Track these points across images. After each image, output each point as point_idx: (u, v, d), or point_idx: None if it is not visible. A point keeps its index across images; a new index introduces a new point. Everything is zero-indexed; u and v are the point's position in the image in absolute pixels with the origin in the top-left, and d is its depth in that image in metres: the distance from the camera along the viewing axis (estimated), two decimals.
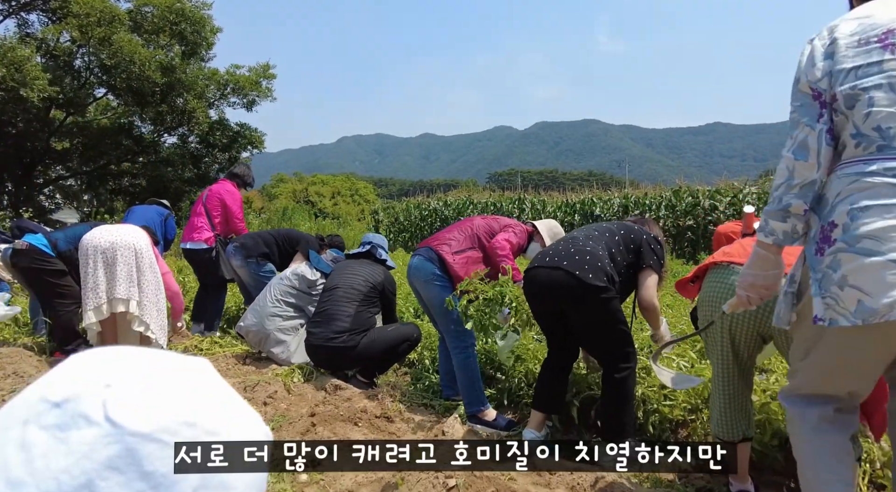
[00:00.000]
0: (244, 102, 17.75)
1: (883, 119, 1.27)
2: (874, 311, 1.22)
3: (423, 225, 16.55)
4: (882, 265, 1.21)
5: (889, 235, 1.21)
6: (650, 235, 2.59)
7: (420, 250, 3.10)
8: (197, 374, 0.52)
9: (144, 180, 17.88)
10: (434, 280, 2.94)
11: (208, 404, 0.49)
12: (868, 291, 1.23)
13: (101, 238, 3.42)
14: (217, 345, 4.25)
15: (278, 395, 3.02)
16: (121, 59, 13.76)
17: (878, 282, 1.21)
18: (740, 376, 2.02)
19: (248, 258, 4.62)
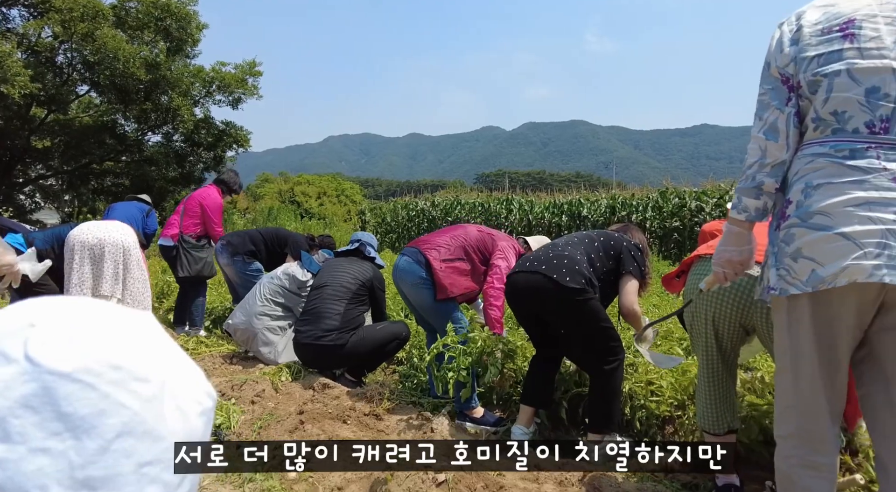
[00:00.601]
0: (230, 100, 17.59)
1: (839, 104, 1.35)
2: (822, 279, 1.33)
3: (411, 225, 16.53)
4: (831, 238, 1.31)
5: (837, 211, 1.31)
6: (631, 242, 2.63)
7: (407, 251, 3.08)
8: (135, 322, 0.49)
9: (128, 180, 17.65)
10: (421, 284, 2.93)
11: (141, 350, 0.46)
12: (820, 262, 1.33)
13: (88, 234, 3.39)
14: (203, 345, 4.21)
15: (266, 393, 3.00)
16: (104, 55, 13.58)
17: (828, 253, 1.32)
18: (725, 368, 2.06)
19: (234, 256, 4.59)
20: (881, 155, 1.29)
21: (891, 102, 1.30)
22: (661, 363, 2.44)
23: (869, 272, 1.28)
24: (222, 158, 18.95)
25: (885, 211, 1.27)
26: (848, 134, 1.34)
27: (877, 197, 1.28)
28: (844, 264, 1.30)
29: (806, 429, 1.46)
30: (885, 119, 1.31)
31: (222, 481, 2.25)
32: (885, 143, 1.30)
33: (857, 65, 1.33)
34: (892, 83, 1.30)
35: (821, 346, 1.41)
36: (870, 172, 1.29)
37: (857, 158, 1.31)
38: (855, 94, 1.33)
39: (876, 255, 1.27)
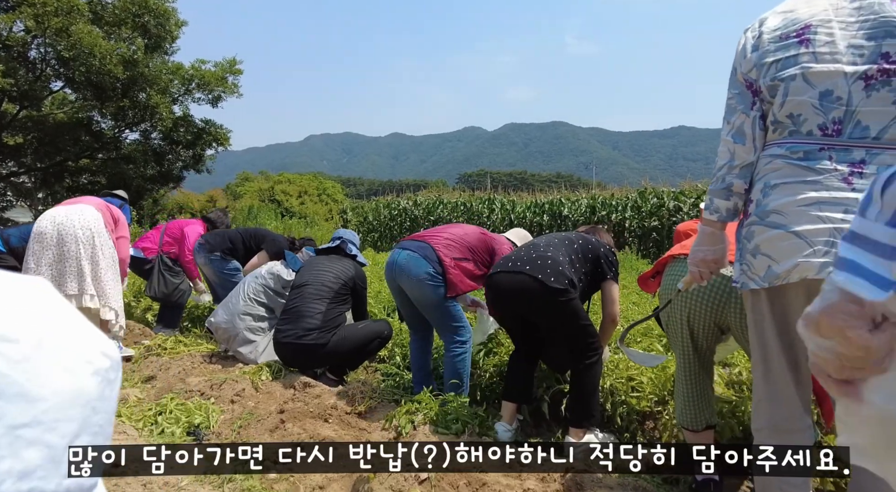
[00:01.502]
0: (209, 98, 17.34)
1: (794, 107, 1.40)
2: (777, 275, 1.40)
3: (393, 225, 16.49)
4: (785, 236, 1.38)
5: (791, 211, 1.37)
6: (606, 247, 2.70)
7: (409, 245, 2.96)
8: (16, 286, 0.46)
9: (104, 178, 17.29)
10: (427, 280, 2.81)
11: (11, 312, 0.44)
12: (775, 258, 1.40)
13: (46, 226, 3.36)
14: (182, 344, 4.14)
15: (246, 393, 2.97)
16: (80, 51, 13.26)
17: (782, 250, 1.39)
18: (701, 366, 2.10)
19: (211, 253, 4.54)
20: (833, 156, 1.34)
21: (843, 105, 1.34)
22: (644, 362, 2.49)
23: (817, 269, 1.34)
24: (201, 156, 18.68)
25: (834, 211, 1.32)
26: (803, 136, 1.39)
27: (827, 197, 1.33)
28: (796, 261, 1.37)
29: (778, 421, 1.50)
30: (838, 121, 1.35)
31: (201, 481, 2.22)
32: (837, 145, 1.34)
33: (811, 69, 1.37)
34: (843, 86, 1.34)
35: (782, 339, 1.46)
36: (822, 173, 1.34)
37: (811, 159, 1.37)
38: (809, 98, 1.37)
39: (824, 252, 1.32)
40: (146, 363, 3.62)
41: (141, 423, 2.64)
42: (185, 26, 16.47)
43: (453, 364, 2.88)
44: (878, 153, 1.31)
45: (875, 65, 1.30)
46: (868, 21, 1.33)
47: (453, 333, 2.89)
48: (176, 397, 2.88)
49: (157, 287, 4.64)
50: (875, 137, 1.31)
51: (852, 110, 1.33)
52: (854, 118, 1.33)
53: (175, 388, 3.06)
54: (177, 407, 2.77)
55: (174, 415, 2.70)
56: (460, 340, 2.89)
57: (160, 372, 3.39)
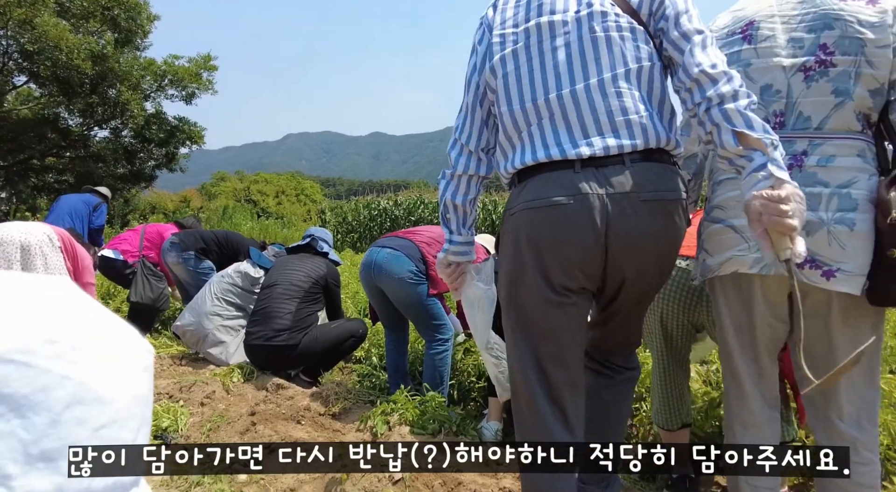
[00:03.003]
0: (183, 95, 17.00)
1: None
2: (709, 267, 1.44)
3: (373, 225, 16.34)
4: (723, 231, 1.41)
5: (730, 205, 1.40)
6: None
7: (389, 243, 2.89)
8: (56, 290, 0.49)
9: (72, 176, 16.83)
10: (409, 278, 2.74)
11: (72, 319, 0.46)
12: (710, 252, 1.44)
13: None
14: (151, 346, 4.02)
15: (216, 395, 2.88)
16: (45, 44, 12.85)
17: (718, 244, 1.42)
18: (676, 365, 2.09)
19: (185, 251, 4.41)
20: None
21: (783, 98, 1.35)
22: None
23: (750, 264, 1.35)
24: (175, 155, 18.31)
25: None
26: None
27: None
28: (729, 255, 1.39)
29: (743, 416, 1.50)
30: (779, 114, 1.35)
31: (167, 485, 2.13)
32: (780, 137, 1.29)
33: (752, 65, 1.39)
34: (782, 80, 1.35)
35: (738, 333, 1.47)
36: None
37: None
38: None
39: (759, 248, 1.32)
40: None
41: None
42: (157, 21, 16.12)
43: (433, 362, 2.82)
44: (819, 144, 1.31)
45: (813, 56, 1.31)
46: (809, 14, 1.34)
47: (434, 332, 2.84)
48: None
49: (142, 292, 4.48)
50: (817, 127, 1.32)
51: (793, 102, 1.34)
52: (795, 110, 1.34)
53: None
54: None
55: None
56: (441, 338, 2.84)
57: None
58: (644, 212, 1.24)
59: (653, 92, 1.31)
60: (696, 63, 1.22)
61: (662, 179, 1.27)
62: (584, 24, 1.31)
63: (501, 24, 1.41)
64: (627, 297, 1.38)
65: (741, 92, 1.18)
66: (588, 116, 1.28)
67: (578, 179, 1.26)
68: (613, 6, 1.31)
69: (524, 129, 1.35)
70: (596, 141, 1.26)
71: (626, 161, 1.25)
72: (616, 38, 1.29)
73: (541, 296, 1.32)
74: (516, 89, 1.36)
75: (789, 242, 1.10)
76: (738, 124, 1.16)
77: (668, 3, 1.29)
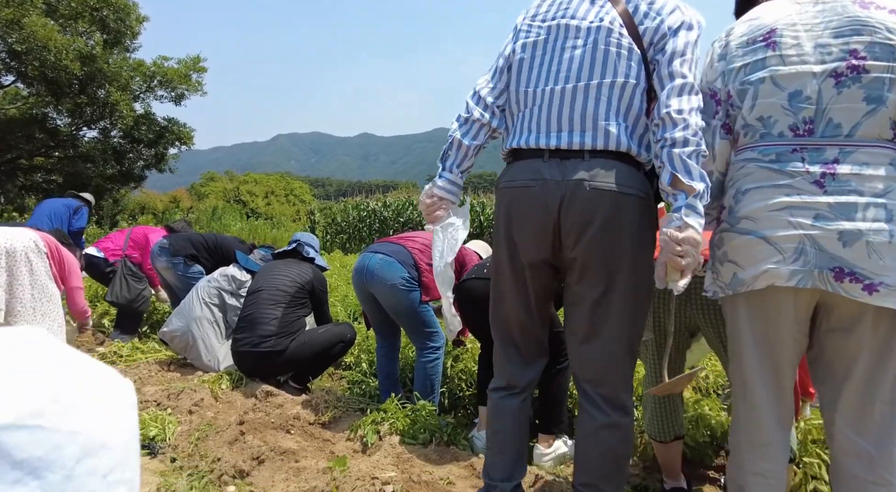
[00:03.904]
0: (172, 96, 16.90)
1: (764, 110, 1.39)
2: (742, 281, 1.39)
3: (362, 226, 16.30)
4: (754, 242, 1.36)
5: (762, 216, 1.35)
6: None
7: (379, 248, 2.87)
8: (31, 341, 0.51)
9: (60, 176, 16.66)
10: (401, 285, 2.72)
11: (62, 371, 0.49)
12: (741, 265, 1.39)
13: None
14: (139, 351, 3.98)
15: (205, 402, 2.85)
16: (33, 44, 12.73)
17: (750, 257, 1.37)
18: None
19: (174, 256, 4.37)
20: (806, 157, 1.32)
21: (812, 104, 1.33)
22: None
23: (786, 277, 1.31)
24: (164, 155, 18.20)
25: (805, 216, 1.29)
26: (774, 138, 1.37)
27: (798, 202, 1.30)
28: (764, 268, 1.34)
29: (752, 435, 1.46)
30: (809, 121, 1.33)
31: None
32: (809, 145, 1.32)
33: (779, 71, 1.37)
34: (813, 86, 1.33)
35: (759, 350, 1.42)
36: (794, 176, 1.32)
37: (783, 161, 1.34)
38: (778, 100, 1.36)
39: (794, 260, 1.30)
40: None
41: None
42: (146, 22, 16.01)
43: (425, 370, 2.81)
44: (851, 151, 1.29)
45: (844, 62, 1.30)
46: (833, 21, 1.33)
47: (426, 339, 2.82)
48: None
49: (119, 292, 4.46)
50: (847, 134, 1.29)
51: (823, 109, 1.31)
52: (825, 116, 1.31)
53: None
54: None
55: None
56: (433, 345, 2.82)
57: None
58: (591, 197, 1.44)
59: (630, 107, 1.48)
60: (666, 104, 1.39)
61: (616, 175, 1.45)
62: (592, 35, 1.50)
63: (533, 16, 1.64)
64: (586, 282, 1.51)
65: (691, 140, 1.35)
66: (565, 113, 1.50)
67: (544, 167, 1.50)
68: (622, 26, 1.48)
69: (521, 109, 1.60)
70: (564, 136, 1.49)
71: (586, 156, 1.47)
72: (613, 53, 1.47)
73: (507, 258, 1.61)
74: (526, 74, 1.60)
75: (677, 276, 1.33)
76: (676, 168, 1.34)
77: (669, 40, 1.44)
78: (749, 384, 1.45)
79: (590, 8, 1.54)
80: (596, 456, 1.54)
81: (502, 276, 1.66)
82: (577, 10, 1.55)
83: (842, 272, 1.25)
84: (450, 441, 2.41)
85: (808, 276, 1.29)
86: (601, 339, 1.53)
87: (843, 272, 1.24)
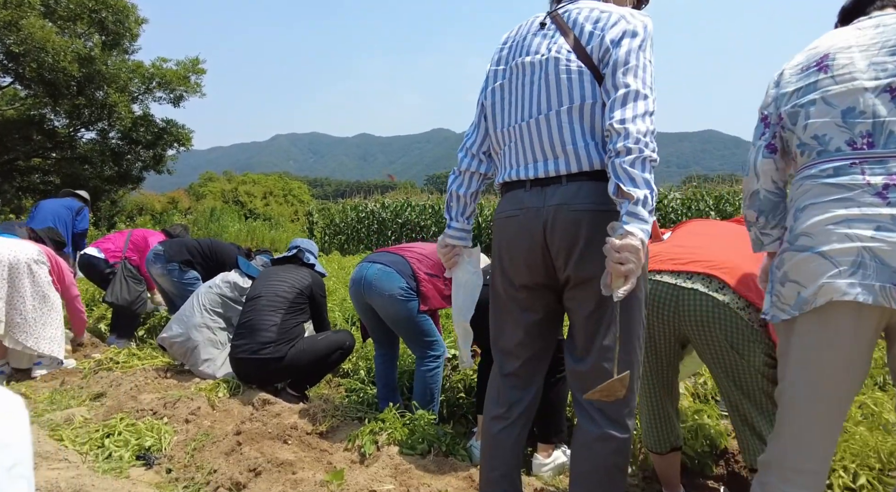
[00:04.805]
0: (171, 98, 16.89)
1: (818, 128, 1.39)
2: (805, 300, 1.34)
3: (360, 227, 16.27)
4: (811, 259, 1.33)
5: (818, 231, 1.33)
6: None
7: (378, 258, 2.85)
8: None
9: (58, 178, 16.63)
10: (400, 295, 2.70)
11: None
12: (803, 283, 1.35)
13: None
14: (135, 357, 3.96)
15: (202, 411, 2.83)
16: (31, 46, 12.71)
17: (809, 274, 1.33)
18: (661, 388, 2.03)
19: (169, 262, 4.35)
20: (866, 170, 1.30)
21: (868, 118, 1.32)
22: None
23: (843, 291, 1.26)
24: (162, 156, 18.18)
25: (864, 228, 1.26)
26: (831, 154, 1.36)
27: (857, 214, 1.27)
28: (820, 283, 1.30)
29: (786, 458, 1.42)
30: (867, 134, 1.32)
31: None
32: (869, 157, 1.31)
33: (830, 91, 1.37)
34: (867, 101, 1.32)
35: (810, 374, 1.37)
36: (853, 189, 1.30)
37: (841, 175, 1.33)
38: (832, 118, 1.36)
39: (851, 273, 1.26)
40: (96, 379, 3.44)
41: (86, 446, 2.48)
42: (145, 23, 15.99)
43: (425, 379, 2.78)
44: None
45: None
46: (891, 40, 1.34)
47: (426, 348, 2.80)
48: (126, 417, 2.73)
49: (119, 293, 4.44)
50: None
51: (881, 121, 1.30)
52: (886, 129, 1.30)
53: (126, 406, 2.90)
54: (126, 428, 2.62)
55: (123, 437, 2.54)
56: (434, 354, 2.80)
57: (111, 389, 3.21)
58: (571, 219, 1.51)
59: (594, 125, 1.52)
60: (610, 116, 1.44)
61: (594, 194, 1.51)
62: (544, 67, 1.57)
63: (497, 61, 1.73)
64: (578, 299, 1.56)
65: (633, 148, 1.37)
66: (537, 145, 1.58)
67: (526, 196, 1.60)
68: (570, 52, 1.54)
69: (501, 148, 1.70)
70: (540, 166, 1.57)
71: (564, 181, 1.54)
72: (564, 79, 1.53)
73: (502, 285, 1.70)
74: (499, 116, 1.70)
75: (621, 283, 1.35)
76: (619, 177, 1.38)
77: (612, 53, 1.47)
78: (790, 408, 1.41)
79: (541, 42, 1.61)
80: (589, 469, 1.54)
81: (500, 303, 1.73)
82: (530, 46, 1.63)
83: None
84: (448, 452, 2.40)
85: (868, 290, 1.24)
86: (595, 352, 1.54)
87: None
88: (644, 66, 1.46)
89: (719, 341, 1.76)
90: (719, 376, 1.83)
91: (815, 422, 1.38)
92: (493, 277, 1.75)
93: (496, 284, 1.73)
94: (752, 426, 1.77)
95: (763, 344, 1.72)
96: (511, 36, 1.73)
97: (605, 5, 1.57)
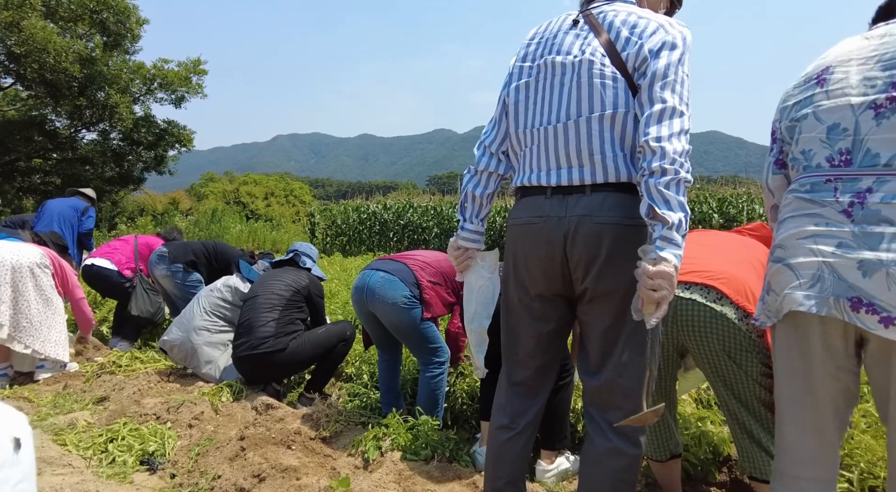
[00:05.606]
0: (172, 99, 16.90)
1: (806, 143, 1.41)
2: (778, 309, 1.40)
3: (362, 228, 16.27)
4: (782, 269, 1.38)
5: (790, 244, 1.37)
6: None
7: (381, 265, 2.85)
8: None
9: (59, 178, 16.64)
10: (403, 303, 2.69)
11: None
12: (778, 292, 1.39)
13: None
14: (138, 360, 3.96)
15: (205, 416, 2.83)
16: (32, 47, 12.71)
17: (779, 284, 1.39)
18: (661, 396, 2.03)
19: (172, 264, 4.35)
20: (839, 187, 1.31)
21: (849, 136, 1.32)
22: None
23: (799, 302, 1.31)
24: (163, 157, 18.19)
25: (827, 244, 1.29)
26: (812, 170, 1.38)
27: (824, 230, 1.30)
28: (784, 293, 1.36)
29: (784, 466, 1.43)
30: (846, 151, 1.32)
31: None
32: (844, 175, 1.31)
33: (821, 106, 1.38)
34: (850, 118, 1.32)
35: (793, 382, 1.39)
36: (824, 205, 1.32)
37: (816, 191, 1.35)
38: (818, 133, 1.38)
39: (810, 285, 1.30)
40: (99, 382, 3.44)
41: (90, 451, 2.48)
42: (146, 24, 16.00)
43: (429, 385, 2.78)
44: (887, 181, 1.26)
45: (885, 94, 1.28)
46: (888, 53, 1.32)
47: (430, 355, 2.79)
48: (129, 422, 2.73)
49: (143, 307, 4.43)
50: (886, 163, 1.27)
51: (860, 139, 1.31)
52: (863, 147, 1.30)
53: (129, 410, 2.90)
54: (130, 433, 2.62)
55: (127, 442, 2.55)
56: (438, 361, 2.80)
57: (113, 393, 3.21)
58: (594, 231, 1.45)
59: (625, 136, 1.47)
60: (645, 132, 1.38)
61: (618, 207, 1.46)
62: (576, 69, 1.51)
63: (523, 57, 1.66)
64: (595, 312, 1.53)
65: (669, 169, 1.33)
66: (562, 151, 1.52)
67: (546, 204, 1.54)
68: (604, 56, 1.48)
69: (522, 148, 1.63)
70: (563, 173, 1.51)
71: (587, 191, 1.49)
72: (598, 84, 1.47)
73: (516, 293, 1.64)
74: (522, 116, 1.62)
75: (652, 309, 1.32)
76: (653, 199, 1.33)
77: (650, 64, 1.42)
78: (781, 416, 1.44)
79: (573, 41, 1.54)
80: (597, 483, 1.53)
81: (513, 312, 1.68)
82: (562, 45, 1.56)
83: (859, 302, 1.22)
84: (452, 458, 2.39)
85: (822, 302, 1.28)
86: (609, 368, 1.52)
87: (861, 302, 1.22)
88: (682, 80, 1.42)
89: (716, 351, 1.77)
90: (717, 385, 1.83)
91: (804, 430, 1.39)
92: (505, 286, 1.70)
93: (509, 292, 1.68)
94: (749, 434, 1.78)
95: (760, 354, 1.73)
96: (539, 32, 1.66)
97: (641, 10, 1.51)
